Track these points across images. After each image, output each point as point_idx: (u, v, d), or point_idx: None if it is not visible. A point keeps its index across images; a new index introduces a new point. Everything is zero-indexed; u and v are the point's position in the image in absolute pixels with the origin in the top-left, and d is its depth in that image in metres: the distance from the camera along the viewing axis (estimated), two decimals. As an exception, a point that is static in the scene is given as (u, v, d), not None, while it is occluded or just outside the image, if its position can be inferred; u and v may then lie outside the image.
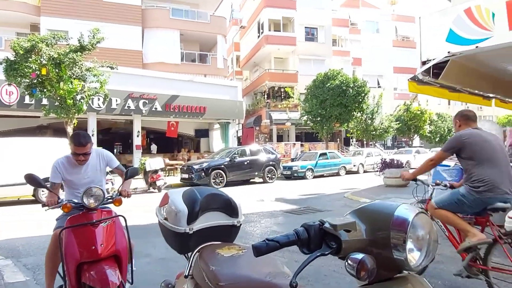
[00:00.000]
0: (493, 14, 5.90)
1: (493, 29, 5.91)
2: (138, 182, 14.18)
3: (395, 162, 11.97)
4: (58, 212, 2.86)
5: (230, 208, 1.95)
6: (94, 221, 2.52)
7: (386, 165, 11.70)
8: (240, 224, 1.98)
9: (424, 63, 6.81)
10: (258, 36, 30.73)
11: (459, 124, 3.49)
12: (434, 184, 3.71)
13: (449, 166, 6.54)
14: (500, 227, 3.25)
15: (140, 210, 8.19)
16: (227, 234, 1.94)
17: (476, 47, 5.85)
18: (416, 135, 32.59)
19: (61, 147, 10.55)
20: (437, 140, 32.96)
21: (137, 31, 22.84)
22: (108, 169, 3.25)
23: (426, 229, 1.07)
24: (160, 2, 24.75)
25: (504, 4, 5.80)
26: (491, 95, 9.45)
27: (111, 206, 2.78)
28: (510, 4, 5.79)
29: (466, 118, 3.44)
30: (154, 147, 21.74)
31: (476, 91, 8.54)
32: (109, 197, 2.71)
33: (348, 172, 19.40)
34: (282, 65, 31.26)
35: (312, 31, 31.47)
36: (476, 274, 3.08)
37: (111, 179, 11.30)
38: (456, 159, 4.65)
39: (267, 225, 6.51)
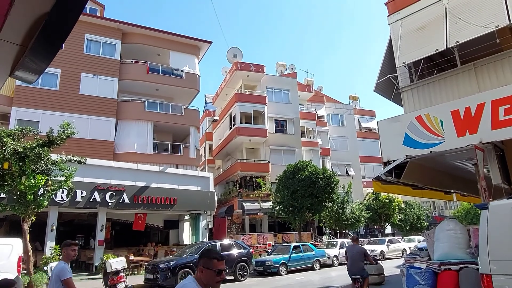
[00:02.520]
0: (442, 122, 6.45)
1: (444, 135, 6.40)
2: (95, 283, 12.90)
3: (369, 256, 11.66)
4: None
5: None
6: None
7: (360, 261, 11.35)
8: None
9: (385, 164, 7.14)
10: (230, 128, 31.93)
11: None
12: None
13: (421, 268, 6.43)
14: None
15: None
16: None
17: (430, 152, 6.26)
18: (387, 223, 32.77)
19: (13, 248, 9.60)
20: (407, 228, 33.19)
21: (111, 122, 23.15)
22: None
23: None
24: (136, 95, 25.73)
25: (450, 114, 6.39)
26: (451, 190, 9.89)
27: None
28: (455, 113, 6.39)
29: (351, 239, 8.55)
30: (92, 242, 20.40)
31: (437, 188, 8.91)
32: None
33: (323, 265, 18.70)
34: (253, 155, 32.06)
35: (282, 123, 33.21)
36: None
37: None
38: (427, 261, 5.55)
39: None
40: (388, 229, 36.41)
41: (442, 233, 6.67)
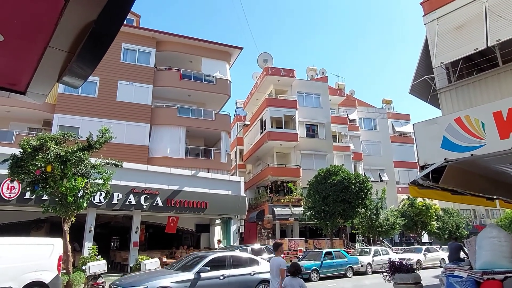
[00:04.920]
0: (483, 124, 6.14)
1: (485, 137, 6.09)
2: (131, 284, 13.29)
3: (405, 264, 11.24)
4: None
5: None
6: None
7: (395, 268, 10.97)
8: None
9: (422, 167, 6.89)
10: (261, 132, 32.02)
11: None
12: None
13: (463, 277, 6.14)
14: None
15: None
16: None
17: (471, 155, 5.97)
18: (424, 231, 31.45)
19: (54, 248, 10.03)
20: (446, 236, 31.70)
21: (146, 128, 23.94)
22: None
23: None
24: (169, 101, 26.45)
25: (491, 115, 6.08)
26: (494, 196, 9.37)
27: None
28: (497, 114, 6.07)
29: (451, 238, 18.83)
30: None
31: (479, 193, 8.48)
32: None
33: (356, 273, 18.25)
34: (284, 159, 31.94)
35: (313, 127, 32.91)
36: None
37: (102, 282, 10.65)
38: (468, 270, 5.33)
39: None
40: (425, 238, 34.98)
41: (484, 241, 6.34)
